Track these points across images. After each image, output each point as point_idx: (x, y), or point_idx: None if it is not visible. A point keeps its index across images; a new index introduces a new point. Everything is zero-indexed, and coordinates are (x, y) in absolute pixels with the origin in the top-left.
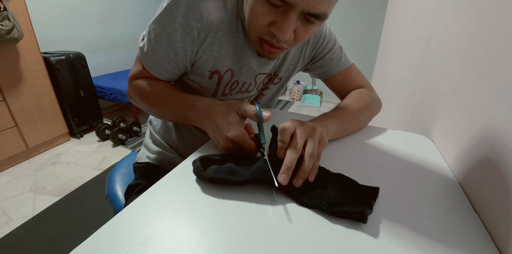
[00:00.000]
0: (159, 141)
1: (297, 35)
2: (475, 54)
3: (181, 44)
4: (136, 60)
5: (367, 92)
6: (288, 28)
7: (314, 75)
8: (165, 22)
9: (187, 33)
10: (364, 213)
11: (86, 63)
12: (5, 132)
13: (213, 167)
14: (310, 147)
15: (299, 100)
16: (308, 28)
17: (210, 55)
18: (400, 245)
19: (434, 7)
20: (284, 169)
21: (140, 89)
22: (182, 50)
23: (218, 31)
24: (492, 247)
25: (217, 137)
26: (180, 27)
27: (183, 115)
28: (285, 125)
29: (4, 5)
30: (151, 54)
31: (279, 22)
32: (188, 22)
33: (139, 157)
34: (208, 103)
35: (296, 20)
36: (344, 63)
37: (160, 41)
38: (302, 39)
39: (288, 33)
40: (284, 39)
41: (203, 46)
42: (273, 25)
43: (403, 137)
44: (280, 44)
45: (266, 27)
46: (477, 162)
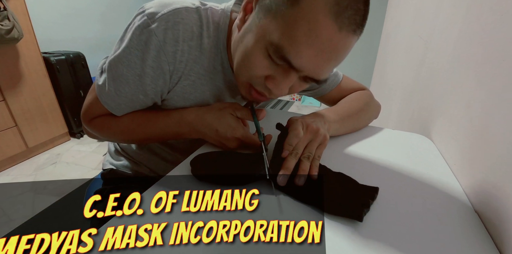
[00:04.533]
0: (120, 151)
1: (290, 90)
2: (475, 54)
3: (152, 86)
4: (90, 94)
5: (367, 93)
6: (286, 87)
7: (306, 95)
8: (132, 63)
9: (158, 76)
10: (361, 212)
11: (86, 63)
12: (5, 132)
13: (212, 166)
14: (309, 151)
15: (299, 100)
16: (304, 84)
17: (183, 97)
18: (397, 244)
19: (434, 7)
20: (282, 171)
21: (106, 127)
22: (152, 92)
23: (192, 73)
24: (492, 247)
25: (221, 140)
26: (150, 69)
27: (173, 132)
28: (297, 131)
29: (4, 5)
30: (113, 95)
31: (278, 79)
32: (160, 65)
33: (104, 164)
34: (196, 112)
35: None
36: (335, 81)
37: (126, 82)
38: (292, 92)
39: (285, 91)
40: (280, 95)
41: (175, 88)
42: (270, 79)
43: (403, 137)
44: (271, 96)
45: (261, 79)
46: (477, 161)
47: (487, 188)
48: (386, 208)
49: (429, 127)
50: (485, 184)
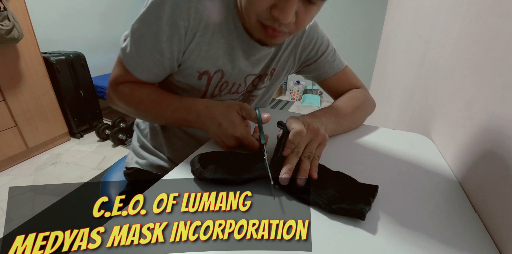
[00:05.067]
0: (146, 145)
1: (298, 18)
2: (475, 54)
3: (168, 44)
4: (117, 62)
5: (363, 92)
6: (291, 9)
7: (309, 78)
8: (150, 21)
9: (173, 33)
10: (362, 210)
11: (86, 63)
12: (5, 132)
13: (212, 167)
14: (309, 150)
15: (299, 100)
16: (309, 9)
17: (199, 55)
18: (399, 242)
19: (434, 7)
20: (285, 170)
21: (127, 95)
22: (168, 50)
23: (206, 30)
24: (492, 247)
25: (221, 135)
26: (166, 26)
27: (181, 117)
28: (300, 130)
29: (4, 5)
30: (134, 55)
31: (281, 4)
32: (175, 21)
33: (128, 162)
34: (207, 104)
35: (297, 1)
36: (338, 66)
37: (144, 41)
38: (303, 22)
39: (290, 15)
40: (286, 21)
41: (191, 46)
42: (274, 8)
43: (403, 137)
44: (282, 28)
45: (267, 11)
46: (477, 162)
47: (487, 188)
48: (386, 208)
49: (429, 127)
50: (485, 184)
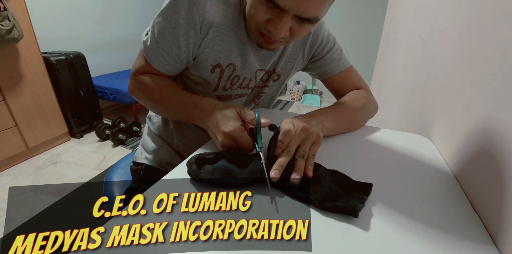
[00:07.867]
0: (157, 138)
1: (293, 32)
2: (475, 54)
3: (184, 37)
4: (139, 54)
5: (365, 93)
6: (282, 28)
7: (313, 75)
8: (169, 16)
9: (190, 27)
10: (356, 208)
11: (86, 63)
12: (5, 132)
13: (208, 168)
14: (303, 149)
15: (299, 100)
16: (303, 27)
17: (213, 49)
18: (400, 241)
19: (434, 7)
20: (275, 166)
21: (143, 84)
22: (185, 43)
23: (220, 25)
24: (492, 247)
25: (215, 133)
26: (183, 20)
27: (186, 113)
28: (288, 129)
29: (4, 5)
30: (154, 48)
31: (275, 21)
32: (192, 16)
33: (136, 157)
34: (212, 102)
35: (291, 20)
36: (344, 64)
37: (163, 34)
38: (298, 36)
39: (282, 32)
40: (279, 36)
41: (206, 39)
42: (269, 23)
43: (403, 138)
44: (278, 39)
45: (264, 23)
46: (476, 162)
47: (487, 188)
48: (386, 208)
49: (429, 127)
50: (485, 184)
